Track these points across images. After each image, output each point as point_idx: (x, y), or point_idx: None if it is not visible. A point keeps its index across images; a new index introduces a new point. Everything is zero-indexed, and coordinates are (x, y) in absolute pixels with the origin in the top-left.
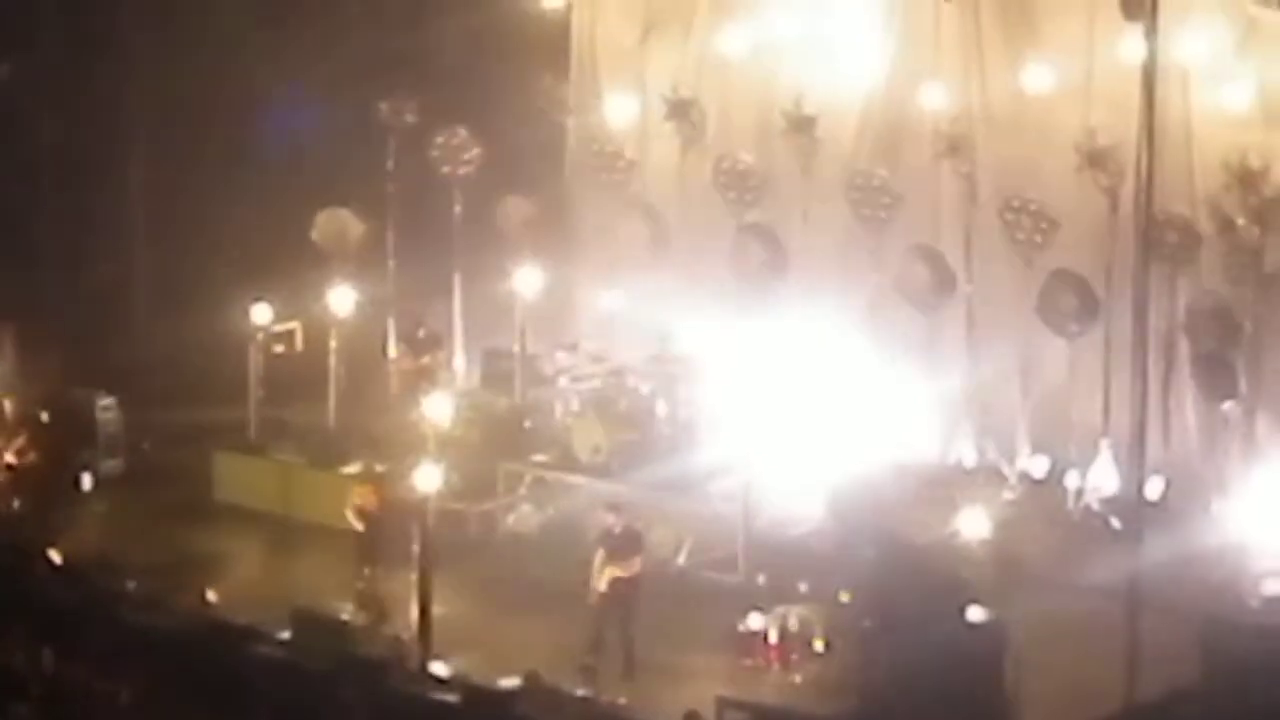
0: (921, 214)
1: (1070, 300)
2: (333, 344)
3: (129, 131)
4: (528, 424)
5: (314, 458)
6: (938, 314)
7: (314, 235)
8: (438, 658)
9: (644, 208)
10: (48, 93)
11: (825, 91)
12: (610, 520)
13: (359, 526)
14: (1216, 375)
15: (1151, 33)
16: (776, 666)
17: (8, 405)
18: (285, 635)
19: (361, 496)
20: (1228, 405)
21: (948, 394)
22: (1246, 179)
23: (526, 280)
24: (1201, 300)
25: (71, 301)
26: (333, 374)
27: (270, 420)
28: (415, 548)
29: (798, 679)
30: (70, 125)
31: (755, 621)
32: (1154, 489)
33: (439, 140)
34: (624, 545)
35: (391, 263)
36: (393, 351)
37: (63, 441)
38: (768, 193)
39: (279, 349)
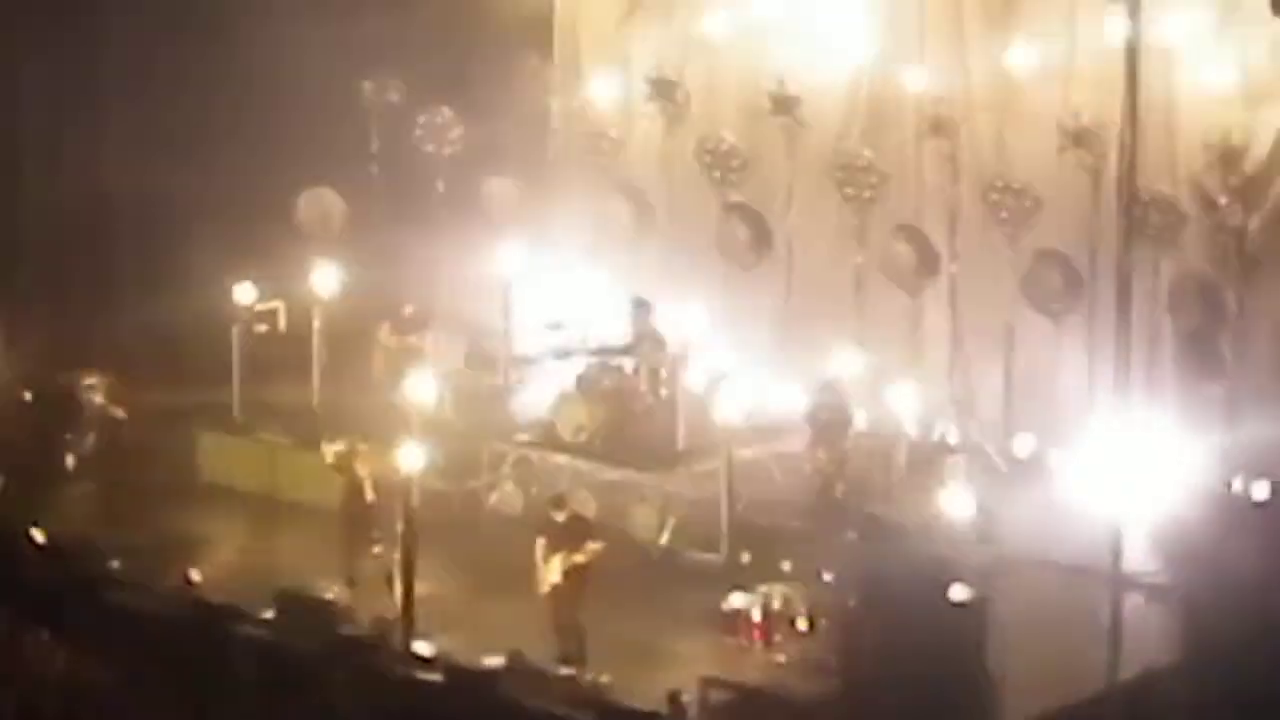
0: (905, 194)
1: (1054, 279)
2: (316, 324)
3: (109, 111)
4: (511, 403)
5: (298, 437)
6: (921, 294)
7: (297, 215)
8: (421, 637)
9: (628, 188)
10: (25, 75)
11: (809, 72)
12: (555, 513)
13: (371, 495)
14: (1201, 354)
15: (1134, 12)
16: (760, 645)
17: None
18: (269, 615)
19: (362, 464)
20: (1212, 384)
21: (931, 374)
22: (1229, 158)
23: (510, 260)
24: (1185, 279)
25: (54, 283)
26: (316, 354)
27: (254, 400)
28: (399, 527)
29: (781, 658)
30: (50, 104)
31: (738, 600)
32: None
33: (423, 120)
34: (573, 533)
35: (375, 243)
36: (379, 331)
37: (46, 422)
38: (752, 173)
39: (262, 329)
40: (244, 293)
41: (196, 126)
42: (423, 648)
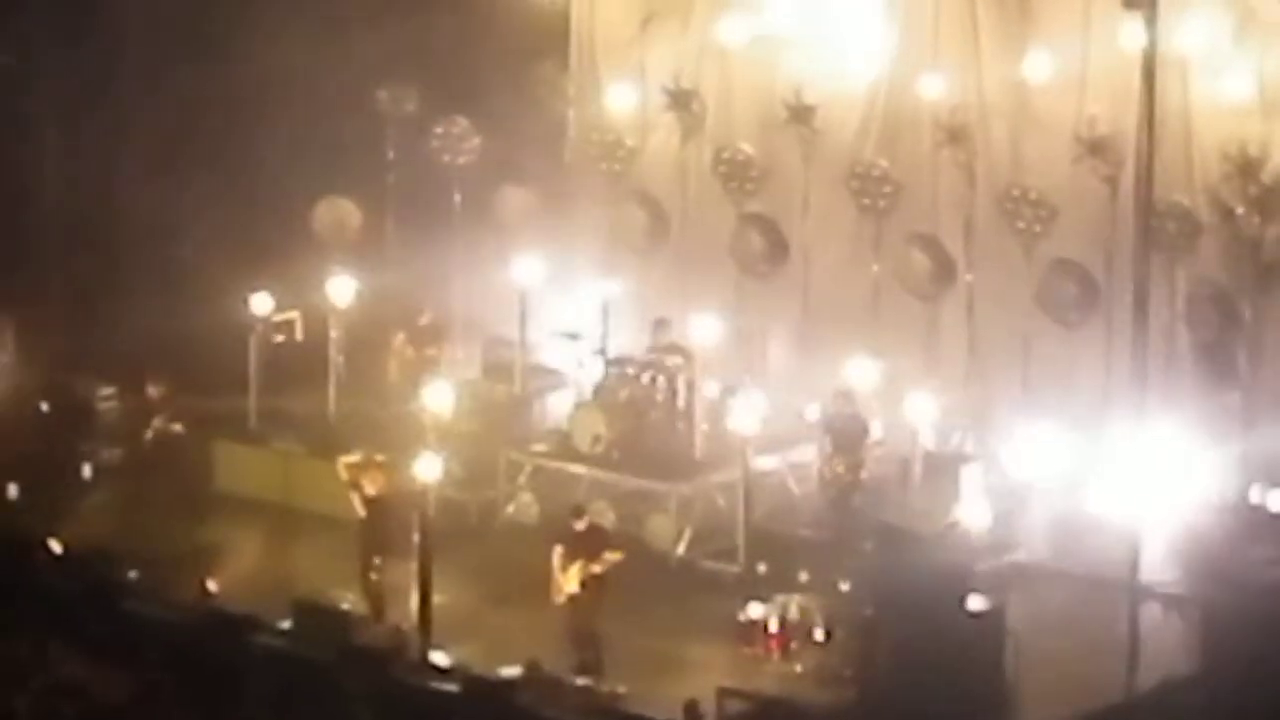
0: (921, 203)
1: (1070, 289)
2: (333, 334)
3: (126, 121)
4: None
5: (314, 447)
6: (937, 303)
7: (314, 225)
8: (438, 647)
9: (643, 197)
10: (44, 84)
11: (826, 81)
12: (574, 522)
13: (362, 512)
14: (1217, 364)
15: (1151, 21)
16: (777, 656)
17: None
18: (286, 625)
19: (371, 481)
20: (1228, 393)
21: (947, 383)
22: (1245, 168)
23: (526, 270)
24: (1201, 289)
25: (70, 292)
26: (332, 363)
27: (270, 410)
28: (415, 537)
29: (798, 668)
30: (68, 115)
31: (755, 611)
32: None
33: (439, 129)
34: (592, 543)
35: (391, 252)
36: (395, 341)
37: (63, 431)
38: (768, 183)
39: (279, 338)
40: (261, 302)
41: (213, 136)
42: (439, 658)
